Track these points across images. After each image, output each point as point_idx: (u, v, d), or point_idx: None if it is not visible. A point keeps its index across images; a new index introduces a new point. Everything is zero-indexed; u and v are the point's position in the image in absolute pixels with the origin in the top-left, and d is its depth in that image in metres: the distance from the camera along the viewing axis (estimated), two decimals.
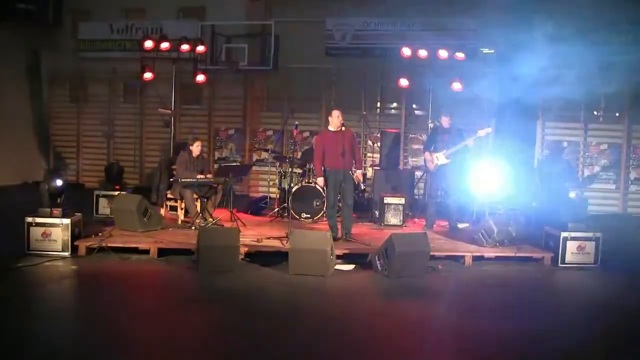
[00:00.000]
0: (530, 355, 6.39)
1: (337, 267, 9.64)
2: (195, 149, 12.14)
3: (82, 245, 9.98)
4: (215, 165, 17.33)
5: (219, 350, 6.31)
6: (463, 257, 10.34)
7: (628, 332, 7.27)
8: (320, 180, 11.09)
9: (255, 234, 11.20)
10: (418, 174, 15.22)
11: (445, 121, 12.37)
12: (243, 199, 16.02)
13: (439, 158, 12.24)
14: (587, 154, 16.80)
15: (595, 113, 17.50)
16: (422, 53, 14.53)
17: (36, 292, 8.19)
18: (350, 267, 9.80)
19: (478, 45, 16.54)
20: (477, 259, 10.37)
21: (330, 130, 11.04)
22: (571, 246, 10.31)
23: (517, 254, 10.43)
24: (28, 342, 6.27)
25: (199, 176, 11.83)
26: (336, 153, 10.69)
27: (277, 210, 13.40)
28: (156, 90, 17.99)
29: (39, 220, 9.83)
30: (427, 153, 12.46)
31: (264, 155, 17.53)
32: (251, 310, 7.61)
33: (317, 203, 12.86)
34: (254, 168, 17.35)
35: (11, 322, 6.86)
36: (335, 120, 10.93)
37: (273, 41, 17.17)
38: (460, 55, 14.50)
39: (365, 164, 16.55)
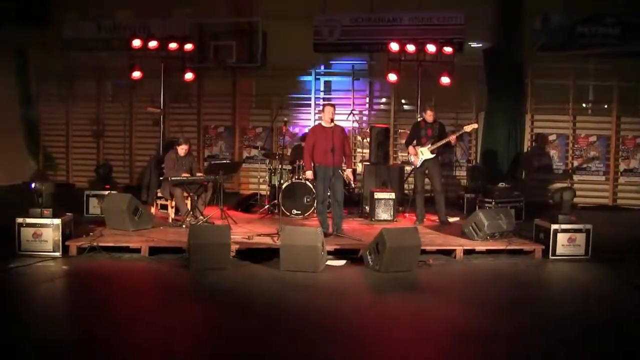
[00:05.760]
0: (523, 349, 6.41)
1: (328, 262, 9.65)
2: (181, 150, 12.13)
3: (73, 245, 9.96)
4: (205, 163, 17.30)
5: (211, 347, 6.31)
6: (454, 251, 10.36)
7: (620, 324, 7.30)
8: (309, 174, 11.11)
9: (246, 231, 11.19)
10: (408, 168, 15.20)
11: (429, 115, 12.39)
12: (233, 196, 15.99)
13: (424, 152, 12.26)
14: (576, 146, 16.84)
15: (584, 105, 17.57)
16: (410, 47, 14.53)
17: (28, 293, 8.18)
18: (342, 262, 9.81)
19: (466, 38, 16.56)
20: (468, 252, 10.39)
21: (321, 126, 11.06)
22: (562, 238, 10.35)
23: (508, 247, 10.46)
24: (21, 342, 6.27)
25: (184, 175, 11.83)
26: (326, 149, 10.69)
27: (268, 207, 13.40)
28: (145, 88, 17.96)
29: (29, 220, 9.81)
30: (411, 148, 12.48)
31: (254, 152, 17.52)
32: (243, 307, 7.62)
33: (308, 199, 12.85)
34: (243, 165, 17.32)
35: (4, 323, 6.85)
36: (325, 116, 10.96)
37: (260, 38, 17.14)
38: (448, 49, 14.50)
39: (355, 159, 16.52)
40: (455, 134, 12.36)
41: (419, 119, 13.63)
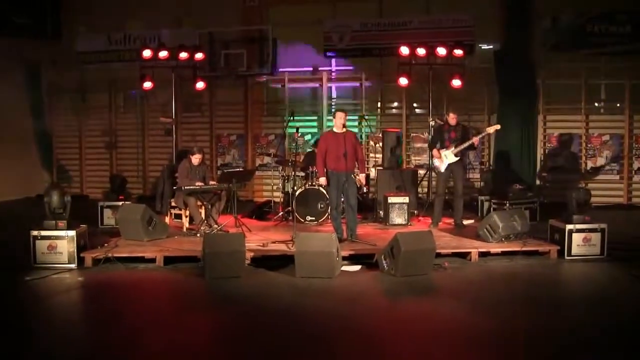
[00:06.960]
0: (541, 350, 6.38)
1: (344, 268, 9.63)
2: (194, 160, 12.16)
3: (88, 256, 9.99)
4: (218, 172, 17.34)
5: (228, 355, 6.31)
6: (469, 253, 10.32)
7: (638, 323, 7.26)
8: (322, 180, 11.09)
9: (261, 238, 11.20)
10: (421, 172, 15.18)
11: (452, 118, 12.33)
12: (247, 204, 16.02)
13: (448, 156, 12.19)
14: (589, 145, 16.78)
15: (596, 104, 17.49)
16: (421, 51, 14.51)
17: (44, 305, 8.21)
18: (357, 267, 9.80)
19: (476, 41, 16.54)
20: (483, 254, 10.35)
21: (333, 132, 11.05)
22: (577, 238, 10.30)
23: (524, 249, 10.42)
24: (38, 354, 6.28)
25: (198, 183, 11.85)
26: (338, 155, 10.69)
27: (282, 214, 13.39)
28: (156, 99, 18.05)
29: (44, 233, 9.84)
30: (435, 151, 12.40)
31: (267, 159, 17.57)
32: (259, 314, 7.61)
33: (321, 205, 12.86)
34: (257, 173, 17.35)
35: (22, 335, 6.88)
36: (337, 122, 10.94)
37: (271, 45, 17.17)
38: (458, 51, 14.46)
39: (367, 164, 16.51)
40: (478, 135, 12.33)
41: (431, 123, 13.62)
